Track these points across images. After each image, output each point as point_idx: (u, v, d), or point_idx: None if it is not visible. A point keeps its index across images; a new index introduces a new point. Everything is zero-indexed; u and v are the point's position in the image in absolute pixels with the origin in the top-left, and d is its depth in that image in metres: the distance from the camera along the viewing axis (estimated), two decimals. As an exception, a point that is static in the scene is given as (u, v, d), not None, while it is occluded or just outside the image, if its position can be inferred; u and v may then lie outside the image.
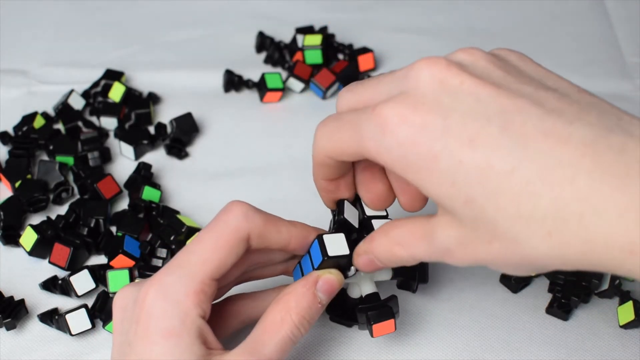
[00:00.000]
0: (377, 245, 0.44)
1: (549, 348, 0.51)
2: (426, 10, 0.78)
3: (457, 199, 0.37)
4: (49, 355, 0.51)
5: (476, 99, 0.37)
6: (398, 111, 0.38)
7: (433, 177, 0.37)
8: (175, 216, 0.57)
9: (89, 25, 0.76)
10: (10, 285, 0.54)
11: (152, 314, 0.41)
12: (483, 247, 0.38)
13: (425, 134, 0.37)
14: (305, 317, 0.44)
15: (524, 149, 0.35)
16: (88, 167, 0.61)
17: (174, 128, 0.64)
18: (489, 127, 0.36)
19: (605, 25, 0.76)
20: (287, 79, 0.68)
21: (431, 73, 0.38)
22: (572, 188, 0.34)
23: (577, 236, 0.35)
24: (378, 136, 0.38)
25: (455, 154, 0.36)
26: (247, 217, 0.43)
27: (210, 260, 0.42)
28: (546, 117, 0.36)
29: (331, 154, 0.43)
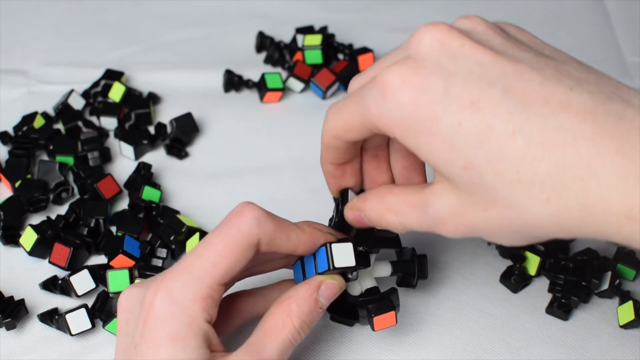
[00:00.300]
0: (369, 206, 0.44)
1: (549, 348, 0.51)
2: (426, 11, 0.78)
3: (456, 163, 0.37)
4: (49, 355, 0.51)
5: (477, 62, 0.37)
6: (399, 74, 0.38)
7: (433, 140, 0.37)
8: (175, 216, 0.57)
9: (89, 25, 0.76)
10: (10, 285, 0.54)
11: (159, 318, 0.41)
12: (479, 215, 0.38)
13: (426, 96, 0.37)
14: (306, 321, 0.44)
15: (525, 113, 0.35)
16: (88, 167, 0.61)
17: (174, 128, 0.64)
18: (490, 90, 0.36)
19: (605, 25, 0.76)
20: (287, 79, 0.68)
21: (432, 36, 0.38)
22: (572, 152, 0.34)
23: (575, 201, 0.34)
24: (380, 101, 0.38)
25: (456, 117, 0.36)
26: (259, 223, 0.42)
27: (219, 266, 0.42)
28: (546, 83, 0.36)
29: (338, 132, 0.43)
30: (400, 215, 0.42)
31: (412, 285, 0.51)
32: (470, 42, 0.38)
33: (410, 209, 0.42)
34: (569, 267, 0.53)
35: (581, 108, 0.35)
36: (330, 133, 0.44)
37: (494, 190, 0.36)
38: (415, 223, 0.42)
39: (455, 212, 0.39)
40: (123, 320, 0.43)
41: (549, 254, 0.54)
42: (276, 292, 0.48)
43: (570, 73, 0.37)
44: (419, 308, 0.53)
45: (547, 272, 0.54)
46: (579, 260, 0.54)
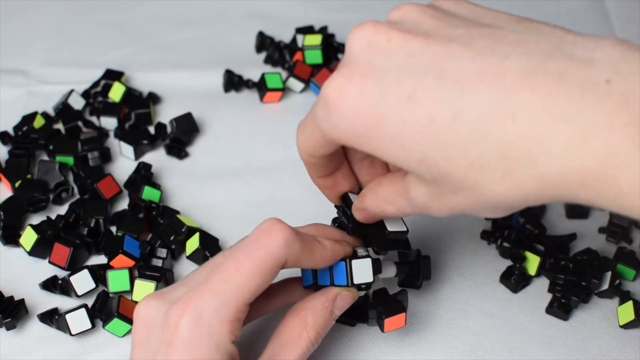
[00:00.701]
0: (368, 202, 0.45)
1: (549, 348, 0.51)
2: (426, 10, 0.78)
3: (411, 160, 0.37)
4: (49, 355, 0.51)
5: (407, 53, 0.36)
6: (335, 85, 0.38)
7: (383, 142, 0.37)
8: (175, 216, 0.57)
9: (89, 25, 0.76)
10: (10, 285, 0.54)
11: (185, 340, 0.40)
12: (452, 198, 0.38)
13: (364, 100, 0.37)
14: (321, 333, 0.45)
15: (461, 95, 0.34)
16: (88, 167, 0.61)
17: (174, 128, 0.63)
18: (424, 79, 0.35)
19: (605, 25, 0.76)
20: (287, 79, 0.68)
21: (360, 38, 0.38)
22: (514, 126, 0.33)
23: (529, 175, 0.34)
24: (326, 116, 0.38)
25: (397, 115, 0.36)
26: (288, 245, 0.41)
27: (247, 288, 0.41)
28: (478, 58, 0.35)
29: (309, 150, 0.43)
30: (395, 204, 0.42)
31: (417, 286, 0.51)
32: (398, 33, 0.37)
33: (399, 197, 0.42)
34: (569, 267, 0.53)
35: (518, 74, 0.33)
36: (303, 152, 0.44)
37: (452, 178, 0.36)
38: (410, 209, 0.42)
39: (432, 199, 0.39)
40: (142, 333, 0.42)
41: (549, 254, 0.54)
42: (281, 293, 0.48)
43: (506, 38, 0.35)
44: (419, 308, 0.53)
45: (547, 272, 0.54)
46: (579, 260, 0.54)
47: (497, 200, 0.36)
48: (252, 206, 0.60)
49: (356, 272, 0.45)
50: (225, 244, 0.57)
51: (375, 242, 0.47)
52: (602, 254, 0.54)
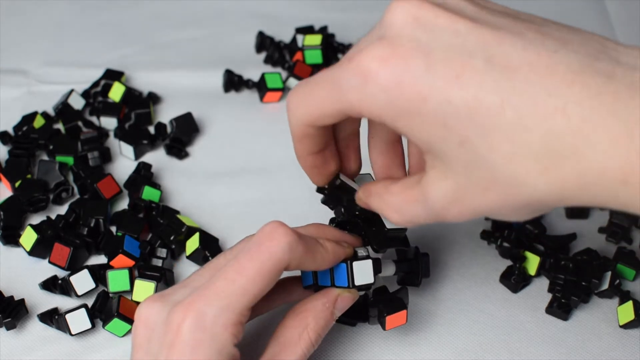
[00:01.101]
0: (373, 203, 0.43)
1: (549, 348, 0.51)
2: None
3: (451, 141, 0.35)
4: (49, 355, 0.51)
5: (454, 33, 0.35)
6: (377, 55, 0.36)
7: (424, 120, 0.35)
8: (175, 216, 0.57)
9: (89, 25, 0.76)
10: (10, 285, 0.54)
11: (188, 344, 0.40)
12: (479, 197, 0.37)
13: (409, 75, 0.35)
14: (321, 334, 0.44)
15: (511, 82, 0.34)
16: (88, 167, 0.61)
17: (174, 128, 0.64)
18: (472, 61, 0.34)
19: (605, 25, 0.76)
20: (287, 79, 0.68)
21: (404, 11, 0.37)
22: (563, 119, 0.33)
23: (572, 169, 0.33)
24: (360, 85, 0.36)
25: (443, 93, 0.35)
26: (291, 248, 0.41)
27: (250, 291, 0.41)
28: (529, 47, 0.34)
29: (311, 120, 0.40)
30: (403, 213, 0.41)
31: (416, 284, 0.51)
32: (445, 12, 0.36)
33: (411, 205, 0.40)
34: (569, 267, 0.53)
35: (568, 70, 0.33)
36: (301, 122, 0.41)
37: (491, 166, 0.35)
38: (422, 218, 0.40)
39: (455, 197, 0.38)
40: (143, 335, 0.42)
41: (549, 254, 0.54)
42: (279, 292, 0.48)
43: (552, 35, 0.35)
44: (419, 308, 0.53)
45: (547, 272, 0.54)
46: (579, 260, 0.54)
47: (534, 196, 0.35)
48: (252, 206, 0.60)
49: (357, 274, 0.45)
50: (225, 244, 0.57)
51: (374, 240, 0.47)
52: (602, 254, 0.54)
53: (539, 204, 0.36)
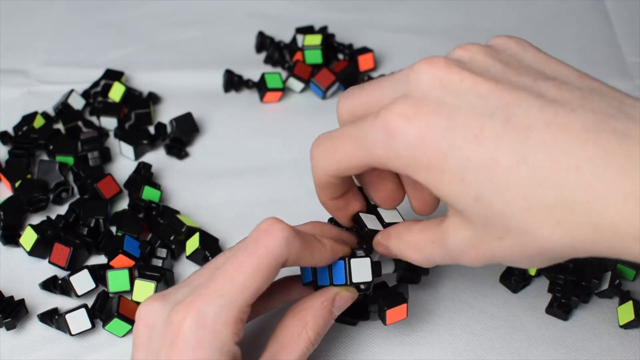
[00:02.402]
0: (392, 244, 0.45)
1: (549, 348, 0.51)
2: (426, 10, 0.78)
3: (467, 196, 0.37)
4: (49, 355, 0.51)
5: (477, 95, 0.37)
6: (402, 113, 0.38)
7: (443, 175, 0.38)
8: (175, 216, 0.57)
9: (89, 25, 0.76)
10: (10, 285, 0.54)
11: (189, 342, 0.40)
12: (495, 244, 0.38)
13: (431, 133, 0.37)
14: (320, 333, 0.45)
15: (527, 141, 0.36)
16: (88, 167, 0.61)
17: (174, 128, 0.64)
18: (492, 122, 0.36)
19: (605, 25, 0.76)
20: (287, 79, 0.68)
21: (431, 73, 0.38)
22: (577, 176, 0.34)
23: (585, 224, 0.35)
24: (385, 141, 0.38)
25: (462, 151, 0.37)
26: (288, 243, 0.42)
27: (249, 288, 0.41)
28: (547, 107, 0.36)
29: (335, 172, 0.42)
30: (422, 252, 0.43)
31: (416, 281, 0.51)
32: (470, 75, 0.38)
33: (430, 245, 0.42)
34: (569, 267, 0.53)
35: (583, 129, 0.35)
36: (325, 173, 0.43)
37: (506, 219, 0.37)
38: (439, 257, 0.42)
39: (472, 244, 0.40)
40: (144, 335, 0.42)
41: (549, 254, 0.54)
42: (277, 292, 0.48)
43: (572, 92, 0.37)
44: (419, 308, 0.53)
45: (547, 272, 0.54)
46: (579, 260, 0.54)
47: (547, 247, 0.37)
48: (252, 206, 0.60)
49: (355, 271, 0.45)
50: (225, 244, 0.57)
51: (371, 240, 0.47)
52: (602, 254, 0.54)
53: (553, 253, 0.37)
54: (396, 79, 0.40)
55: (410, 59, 0.71)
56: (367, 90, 0.42)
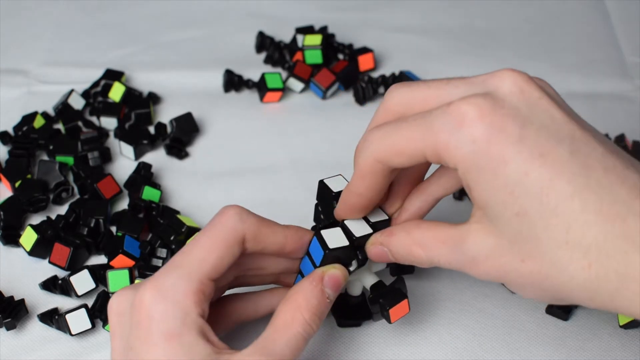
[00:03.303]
0: (396, 240, 0.44)
1: (549, 348, 0.51)
2: (426, 10, 0.78)
3: (510, 209, 0.38)
4: (49, 355, 0.51)
5: (551, 117, 0.38)
6: (478, 107, 0.38)
7: (495, 180, 0.38)
8: (175, 216, 0.57)
9: (89, 25, 0.76)
10: (10, 285, 0.54)
11: (152, 317, 0.41)
12: (514, 264, 0.39)
13: (501, 136, 0.37)
14: (316, 313, 0.44)
15: (586, 179, 0.37)
16: (88, 167, 0.61)
17: (174, 128, 0.64)
18: (559, 147, 0.37)
19: (605, 25, 0.76)
20: (287, 79, 0.68)
21: (513, 81, 0.39)
22: (622, 225, 0.36)
23: (615, 271, 0.36)
24: (453, 128, 0.38)
25: (524, 165, 0.37)
26: (242, 218, 0.44)
27: (207, 261, 0.42)
28: (608, 156, 0.38)
29: (386, 155, 0.41)
30: (429, 250, 0.42)
31: (411, 271, 0.51)
32: (548, 99, 0.39)
33: (440, 244, 0.42)
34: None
35: (634, 185, 0.37)
36: (375, 156, 0.41)
37: (539, 244, 0.37)
38: (445, 259, 0.42)
39: (490, 255, 0.40)
40: (116, 323, 0.43)
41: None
42: (267, 299, 0.48)
43: (621, 154, 0.39)
44: (419, 308, 0.53)
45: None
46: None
47: (567, 285, 0.38)
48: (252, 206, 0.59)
49: (329, 239, 0.45)
50: (225, 244, 0.57)
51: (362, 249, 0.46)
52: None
53: (568, 294, 0.38)
54: (472, 81, 0.40)
55: (410, 59, 0.72)
56: (434, 86, 0.42)
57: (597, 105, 0.68)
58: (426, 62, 0.72)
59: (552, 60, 0.72)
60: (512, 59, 0.72)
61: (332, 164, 0.63)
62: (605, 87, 0.70)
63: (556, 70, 0.71)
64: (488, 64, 0.72)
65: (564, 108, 0.39)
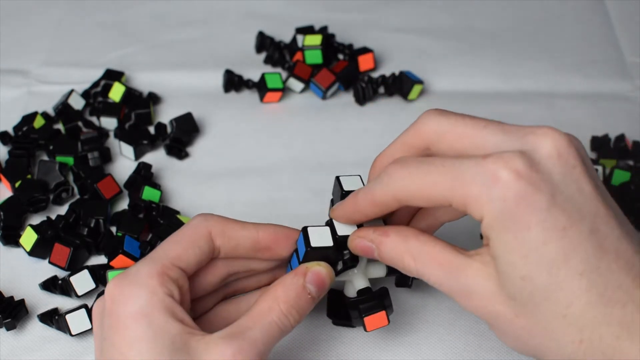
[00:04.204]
0: (389, 243, 0.43)
1: (549, 348, 0.51)
2: (426, 10, 0.78)
3: (519, 271, 0.38)
4: (49, 355, 0.51)
5: (580, 190, 0.38)
6: (514, 168, 0.37)
7: (514, 241, 0.38)
8: (175, 216, 0.57)
9: (89, 25, 0.76)
10: (10, 285, 0.54)
11: (118, 301, 0.41)
12: (507, 315, 0.39)
13: (530, 201, 0.37)
14: (294, 306, 0.43)
15: (598, 261, 0.37)
16: (88, 167, 0.61)
17: (174, 128, 0.64)
18: (581, 224, 0.37)
19: (605, 25, 0.76)
20: (287, 79, 0.68)
21: (554, 143, 0.39)
22: (621, 312, 0.37)
23: (603, 353, 0.37)
24: (486, 185, 0.38)
25: (544, 234, 0.37)
26: (206, 218, 0.45)
27: (171, 250, 0.43)
28: (623, 239, 0.38)
29: (408, 197, 0.41)
30: (422, 265, 0.42)
31: (408, 285, 0.51)
32: (582, 167, 0.39)
33: (436, 264, 0.41)
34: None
35: (638, 274, 0.37)
36: (395, 194, 0.41)
37: (537, 309, 0.38)
38: (436, 279, 0.41)
39: (485, 298, 0.40)
40: (95, 324, 0.43)
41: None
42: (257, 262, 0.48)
43: (635, 237, 0.39)
44: (419, 308, 0.53)
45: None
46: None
47: (552, 351, 0.38)
48: (252, 206, 0.60)
49: (313, 237, 0.44)
50: (225, 244, 0.57)
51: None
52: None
53: (549, 357, 0.39)
54: (510, 131, 0.40)
55: (410, 59, 0.72)
56: (470, 125, 0.41)
57: (597, 105, 0.68)
58: (426, 62, 0.72)
59: (552, 60, 0.72)
60: (512, 59, 0.72)
61: (332, 164, 0.63)
62: (605, 87, 0.70)
63: (556, 70, 0.71)
64: (488, 64, 0.72)
65: (593, 179, 0.39)
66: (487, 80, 0.70)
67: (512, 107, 0.68)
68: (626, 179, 0.59)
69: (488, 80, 0.71)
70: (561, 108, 0.68)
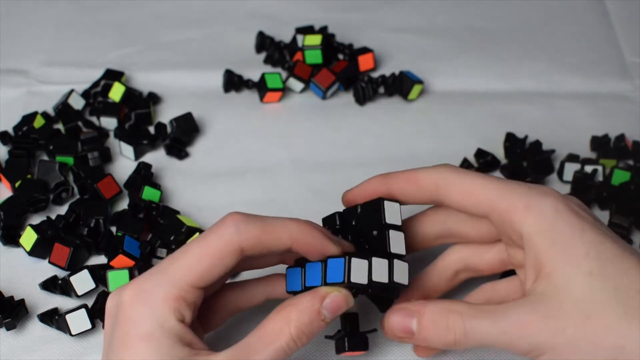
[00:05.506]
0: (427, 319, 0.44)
1: (549, 348, 0.50)
2: (426, 10, 0.78)
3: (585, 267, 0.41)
4: (49, 355, 0.51)
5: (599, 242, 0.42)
6: (557, 192, 0.44)
7: (571, 241, 0.42)
8: (175, 216, 0.57)
9: (89, 25, 0.76)
10: (10, 285, 0.54)
11: (130, 319, 0.41)
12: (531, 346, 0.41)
13: (578, 212, 0.43)
14: (305, 331, 0.42)
15: (619, 321, 0.40)
16: (88, 167, 0.61)
17: (174, 128, 0.64)
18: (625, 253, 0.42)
19: (605, 25, 0.76)
20: (287, 79, 0.68)
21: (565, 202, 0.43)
22: (626, 355, 0.39)
23: None
24: (537, 196, 0.43)
25: (599, 235, 0.42)
26: (239, 230, 0.42)
27: (193, 269, 0.42)
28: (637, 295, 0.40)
29: (450, 187, 0.45)
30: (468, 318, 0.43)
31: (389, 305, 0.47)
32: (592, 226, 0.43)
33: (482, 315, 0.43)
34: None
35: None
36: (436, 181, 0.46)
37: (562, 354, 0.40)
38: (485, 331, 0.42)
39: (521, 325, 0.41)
40: (107, 323, 0.43)
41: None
42: (261, 287, 0.48)
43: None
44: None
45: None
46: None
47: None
48: (252, 206, 0.59)
49: (354, 270, 0.43)
50: (225, 244, 0.57)
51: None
52: (602, 254, 0.54)
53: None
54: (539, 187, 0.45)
55: (411, 59, 0.72)
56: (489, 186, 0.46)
57: (597, 105, 0.68)
58: (426, 62, 0.72)
59: (552, 61, 0.72)
60: (512, 59, 0.72)
61: (332, 164, 0.63)
62: (605, 87, 0.70)
63: (556, 71, 0.71)
64: (488, 64, 0.72)
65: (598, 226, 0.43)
66: (487, 80, 0.70)
67: (512, 107, 0.68)
68: (626, 179, 0.59)
69: (488, 80, 0.71)
70: (561, 108, 0.68)
